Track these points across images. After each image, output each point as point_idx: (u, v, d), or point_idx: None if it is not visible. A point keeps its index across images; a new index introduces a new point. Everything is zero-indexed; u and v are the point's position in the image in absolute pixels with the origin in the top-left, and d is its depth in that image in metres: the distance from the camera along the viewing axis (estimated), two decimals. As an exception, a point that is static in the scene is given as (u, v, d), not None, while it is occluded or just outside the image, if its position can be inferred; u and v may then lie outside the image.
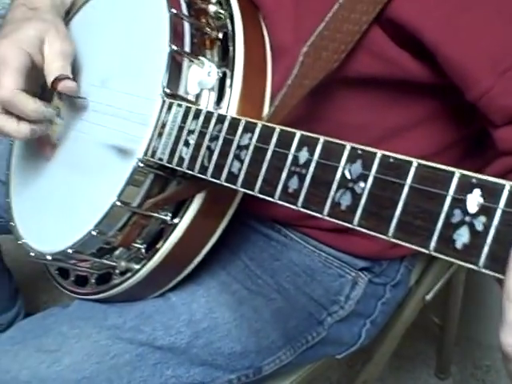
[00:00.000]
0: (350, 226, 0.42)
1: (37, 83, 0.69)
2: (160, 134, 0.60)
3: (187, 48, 0.63)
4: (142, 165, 0.60)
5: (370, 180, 0.41)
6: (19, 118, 0.66)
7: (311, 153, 0.45)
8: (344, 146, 0.43)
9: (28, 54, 0.66)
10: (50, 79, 0.66)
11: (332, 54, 0.61)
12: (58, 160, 0.73)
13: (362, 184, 0.41)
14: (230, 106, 0.61)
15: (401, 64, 0.62)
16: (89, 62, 0.72)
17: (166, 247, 0.63)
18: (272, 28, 0.67)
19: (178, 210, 0.63)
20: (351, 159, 0.43)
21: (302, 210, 0.46)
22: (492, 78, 0.55)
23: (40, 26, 0.67)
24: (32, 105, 0.65)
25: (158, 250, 0.64)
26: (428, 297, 0.97)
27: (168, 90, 0.60)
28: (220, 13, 0.66)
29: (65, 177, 0.71)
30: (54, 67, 0.66)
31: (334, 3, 0.60)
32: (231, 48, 0.64)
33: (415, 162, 0.39)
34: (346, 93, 0.66)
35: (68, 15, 0.77)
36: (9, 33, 0.67)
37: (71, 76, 0.67)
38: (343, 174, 0.43)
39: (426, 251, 0.38)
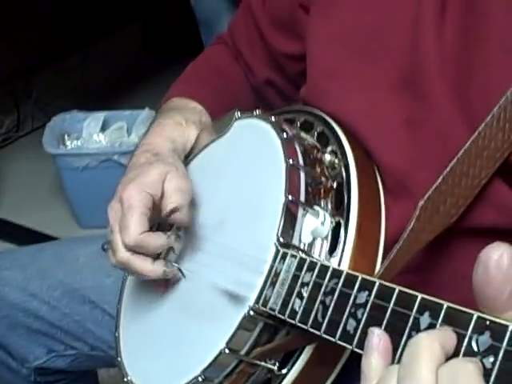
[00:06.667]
0: (479, 403, 0.39)
1: (153, 220, 0.73)
2: (273, 283, 0.59)
3: (302, 198, 0.64)
4: (252, 313, 0.60)
5: (501, 354, 0.39)
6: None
7: (434, 318, 0.43)
8: (470, 316, 0.41)
9: (151, 196, 0.69)
10: (166, 212, 0.70)
11: (450, 208, 0.60)
12: (169, 298, 0.74)
13: (491, 359, 0.39)
14: (344, 257, 0.61)
15: None
16: (205, 203, 0.75)
17: (271, 398, 0.62)
18: (386, 175, 0.68)
19: (287, 359, 0.61)
20: (478, 330, 0.40)
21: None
22: None
23: (162, 169, 0.72)
24: (158, 242, 0.69)
25: (263, 401, 0.62)
26: None
27: (282, 240, 0.61)
28: (335, 162, 0.67)
29: (175, 316, 0.72)
30: (170, 201, 0.70)
31: (452, 157, 0.60)
32: (345, 197, 0.64)
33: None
34: (461, 243, 0.65)
35: (187, 159, 0.81)
36: (134, 177, 0.71)
37: (186, 209, 0.70)
38: (469, 346, 0.40)
39: None
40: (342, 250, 0.61)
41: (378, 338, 0.44)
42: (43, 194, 2.22)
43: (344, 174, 0.66)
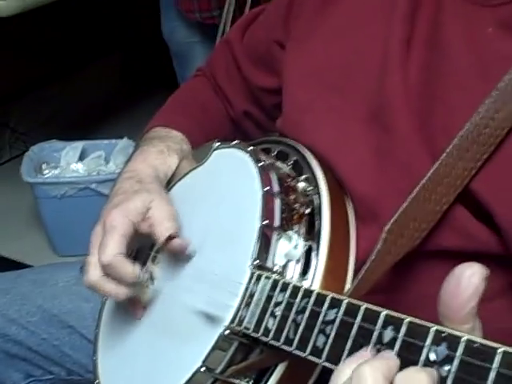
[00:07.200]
0: (436, 409, 0.42)
1: (132, 248, 0.75)
2: (248, 304, 0.62)
3: (277, 223, 0.67)
4: (228, 332, 0.63)
5: (456, 363, 0.42)
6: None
7: (396, 332, 0.47)
8: (428, 328, 0.44)
9: (133, 224, 0.72)
10: (161, 239, 0.71)
11: (414, 232, 0.64)
12: (146, 321, 0.76)
13: (447, 367, 0.42)
14: (315, 278, 0.64)
15: (480, 238, 0.64)
16: (184, 228, 0.77)
17: (246, 416, 0.64)
18: (356, 201, 0.71)
19: (260, 377, 0.64)
20: (436, 341, 0.44)
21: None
22: None
23: (146, 197, 0.74)
24: (130, 269, 0.70)
25: (238, 419, 0.64)
26: None
27: (257, 263, 0.64)
28: (308, 190, 0.71)
29: (152, 338, 0.74)
30: (164, 228, 0.72)
31: (417, 185, 0.64)
32: (317, 222, 0.68)
33: (501, 348, 0.40)
34: (424, 265, 0.69)
35: (168, 185, 0.84)
36: (119, 203, 0.74)
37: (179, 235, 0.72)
38: (428, 356, 0.44)
39: None
40: (314, 272, 0.64)
41: None
42: (21, 223, 2.22)
43: (316, 200, 0.70)
